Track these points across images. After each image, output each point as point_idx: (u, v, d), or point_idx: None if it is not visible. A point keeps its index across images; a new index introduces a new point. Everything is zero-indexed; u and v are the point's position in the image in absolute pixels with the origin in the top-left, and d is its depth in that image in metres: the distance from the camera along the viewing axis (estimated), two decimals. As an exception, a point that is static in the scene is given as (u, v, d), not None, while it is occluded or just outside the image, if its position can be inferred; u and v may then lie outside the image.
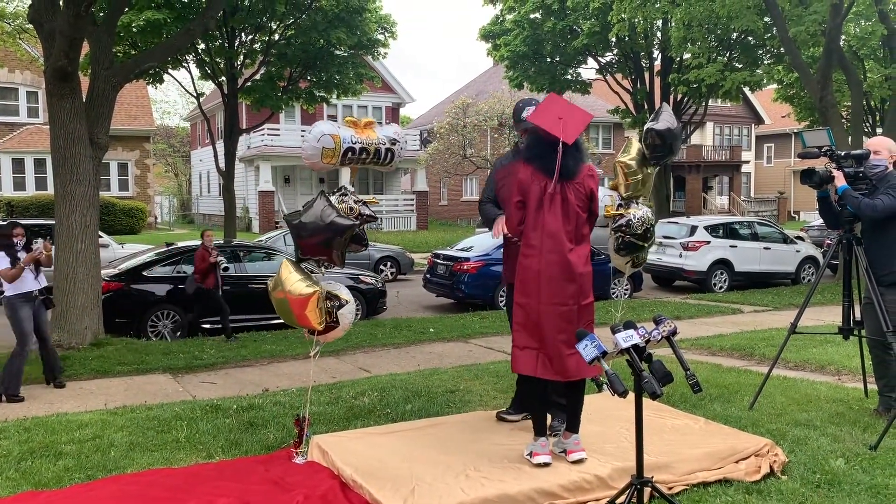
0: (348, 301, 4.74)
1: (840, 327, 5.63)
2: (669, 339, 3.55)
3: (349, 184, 4.99)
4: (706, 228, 16.01)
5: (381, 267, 17.32)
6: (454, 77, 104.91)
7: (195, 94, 19.64)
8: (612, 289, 13.98)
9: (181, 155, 50.66)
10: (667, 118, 5.42)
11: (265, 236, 17.76)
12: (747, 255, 16.01)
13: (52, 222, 9.62)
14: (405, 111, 45.89)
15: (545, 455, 4.20)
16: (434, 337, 10.06)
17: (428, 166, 34.18)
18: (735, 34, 21.55)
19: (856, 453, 4.68)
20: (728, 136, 45.59)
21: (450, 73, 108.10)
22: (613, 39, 22.73)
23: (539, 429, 4.31)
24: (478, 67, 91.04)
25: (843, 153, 5.43)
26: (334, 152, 4.74)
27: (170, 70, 17.55)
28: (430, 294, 14.44)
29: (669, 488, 4.04)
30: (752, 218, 20.69)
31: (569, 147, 4.19)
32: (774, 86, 24.76)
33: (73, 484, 4.38)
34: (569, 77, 26.00)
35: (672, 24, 20.45)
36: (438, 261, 13.86)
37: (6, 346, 9.50)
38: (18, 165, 28.18)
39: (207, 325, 10.54)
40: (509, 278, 4.91)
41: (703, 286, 15.50)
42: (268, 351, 9.05)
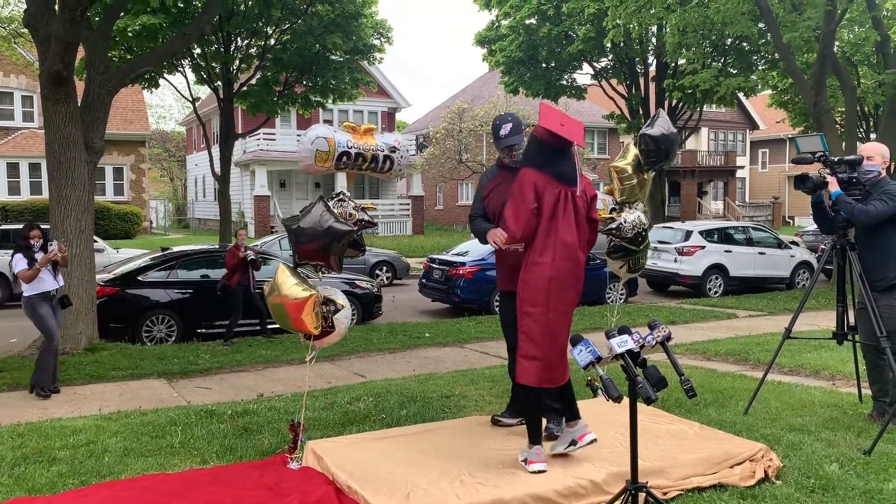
0: (344, 306, 4.73)
1: (834, 332, 5.65)
2: (664, 344, 3.56)
3: (346, 189, 4.98)
4: (701, 233, 16.07)
5: (377, 272, 17.31)
6: (450, 82, 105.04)
7: (191, 99, 19.63)
8: (608, 293, 14.01)
9: (176, 159, 50.61)
10: (662, 124, 5.43)
11: (260, 241, 17.74)
12: (742, 260, 16.07)
13: (47, 227, 9.59)
14: (401, 116, 45.98)
15: (540, 463, 4.20)
16: (429, 342, 10.06)
17: (424, 171, 34.19)
18: (730, 40, 21.61)
19: (850, 458, 4.69)
20: (723, 142, 45.71)
21: (445, 79, 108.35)
22: (608, 45, 22.76)
23: (535, 437, 4.30)
24: (473, 72, 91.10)
25: (836, 159, 5.46)
26: (328, 155, 4.72)
27: (165, 75, 17.55)
28: (425, 299, 14.44)
29: (664, 493, 4.05)
30: (746, 223, 20.75)
31: (571, 154, 4.21)
32: (769, 91, 24.87)
33: (67, 490, 4.37)
34: (564, 82, 26.06)
35: (667, 30, 20.50)
36: (434, 265, 13.87)
37: (5, 347, 9.52)
38: (13, 170, 28.13)
39: (203, 330, 10.53)
40: (504, 286, 4.90)
41: (698, 291, 15.56)
42: (263, 356, 9.03)
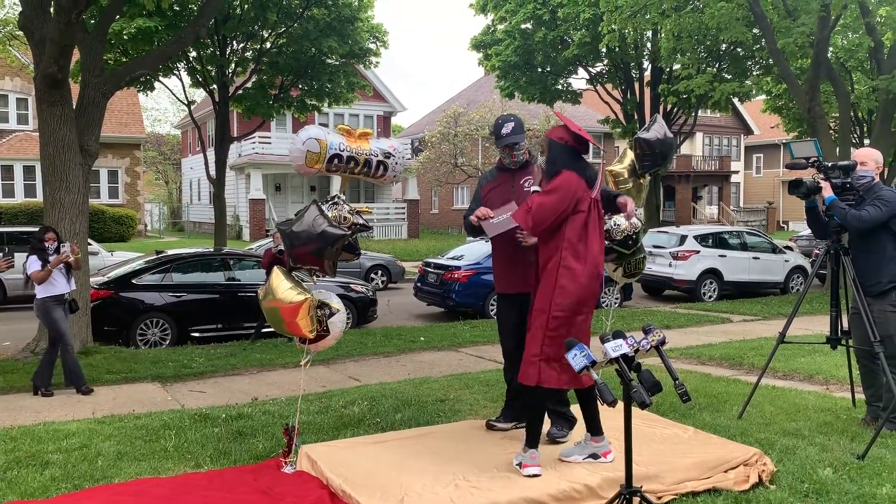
0: (339, 309, 4.72)
1: (828, 337, 5.66)
2: (658, 349, 3.56)
3: (341, 192, 4.98)
4: (696, 238, 16.09)
5: (372, 275, 17.30)
6: (445, 86, 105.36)
7: (186, 102, 19.61)
8: (603, 298, 14.02)
9: (171, 163, 50.55)
10: (657, 128, 5.45)
11: (255, 244, 17.70)
12: (736, 265, 16.10)
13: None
14: (396, 120, 46.04)
15: (535, 467, 4.20)
16: (424, 346, 10.05)
17: (419, 175, 34.21)
18: (724, 45, 21.71)
19: (844, 463, 4.70)
20: (717, 147, 45.87)
21: (441, 83, 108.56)
22: (604, 50, 22.88)
23: (533, 440, 4.30)
24: (469, 77, 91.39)
25: (830, 164, 5.47)
26: (319, 157, 4.73)
27: (161, 78, 17.52)
28: (420, 303, 14.42)
29: (658, 498, 4.05)
30: (741, 228, 20.80)
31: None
32: (763, 97, 24.92)
33: (60, 494, 4.35)
34: (559, 87, 26.15)
35: (662, 35, 20.59)
36: (429, 269, 13.85)
37: (3, 350, 9.49)
38: (7, 172, 28.06)
39: (197, 334, 10.50)
40: (502, 289, 4.90)
41: (693, 295, 15.58)
42: (257, 360, 9.01)
